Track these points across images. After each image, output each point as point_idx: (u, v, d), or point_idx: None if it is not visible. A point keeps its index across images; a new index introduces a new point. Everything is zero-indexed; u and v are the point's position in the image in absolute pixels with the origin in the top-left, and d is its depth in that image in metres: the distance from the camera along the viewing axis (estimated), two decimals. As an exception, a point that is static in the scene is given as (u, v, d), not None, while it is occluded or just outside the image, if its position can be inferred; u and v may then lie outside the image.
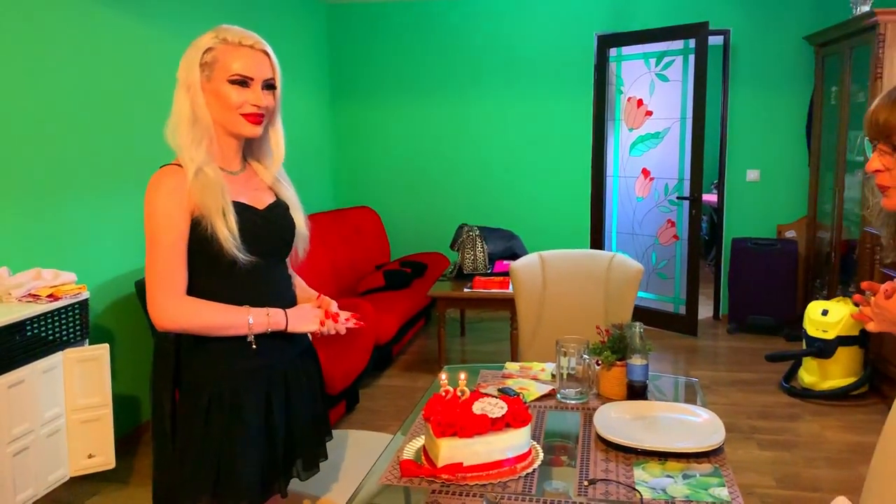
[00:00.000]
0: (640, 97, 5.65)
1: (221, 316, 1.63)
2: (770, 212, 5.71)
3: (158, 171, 1.64)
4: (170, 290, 1.59)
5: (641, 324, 2.10)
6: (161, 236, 1.58)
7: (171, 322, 1.60)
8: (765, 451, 3.54)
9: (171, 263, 1.59)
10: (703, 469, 1.67)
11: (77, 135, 3.37)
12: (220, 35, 1.65)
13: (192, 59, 1.65)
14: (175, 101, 1.67)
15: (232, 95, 1.64)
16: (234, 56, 1.64)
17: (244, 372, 1.69)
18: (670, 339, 5.40)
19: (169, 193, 1.59)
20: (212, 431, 1.65)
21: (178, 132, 1.64)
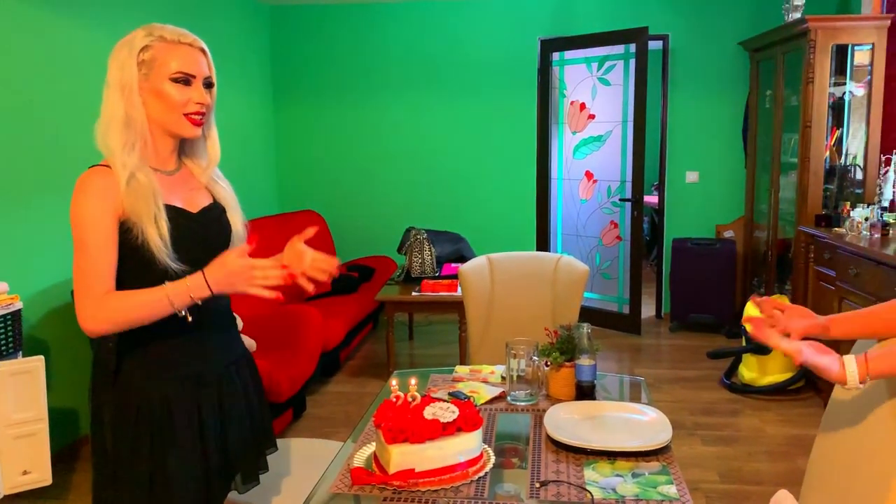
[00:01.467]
0: (583, 101, 5.73)
1: (140, 305, 1.51)
2: (709, 212, 5.86)
3: (86, 171, 1.56)
4: (92, 295, 1.51)
5: (589, 324, 2.12)
6: (88, 238, 1.51)
7: (94, 323, 1.51)
8: (708, 447, 3.62)
9: (97, 266, 1.51)
10: (651, 467, 1.70)
11: (12, 141, 3.24)
12: (155, 32, 1.59)
13: (125, 57, 1.57)
14: (105, 102, 1.59)
15: (174, 94, 1.58)
16: (174, 54, 1.58)
17: (172, 381, 1.62)
18: (615, 339, 5.48)
19: (97, 195, 1.52)
20: (141, 445, 1.59)
21: (109, 134, 1.56)
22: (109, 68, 1.59)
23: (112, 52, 1.60)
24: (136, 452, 1.59)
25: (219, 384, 1.70)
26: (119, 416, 1.61)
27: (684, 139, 5.83)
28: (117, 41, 1.60)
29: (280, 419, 3.75)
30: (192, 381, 1.65)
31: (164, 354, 1.62)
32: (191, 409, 1.64)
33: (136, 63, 1.57)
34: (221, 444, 1.70)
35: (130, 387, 1.61)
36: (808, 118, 4.35)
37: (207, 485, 1.68)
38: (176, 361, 1.63)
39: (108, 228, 1.52)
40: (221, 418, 1.70)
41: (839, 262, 3.85)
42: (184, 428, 1.62)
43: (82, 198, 1.52)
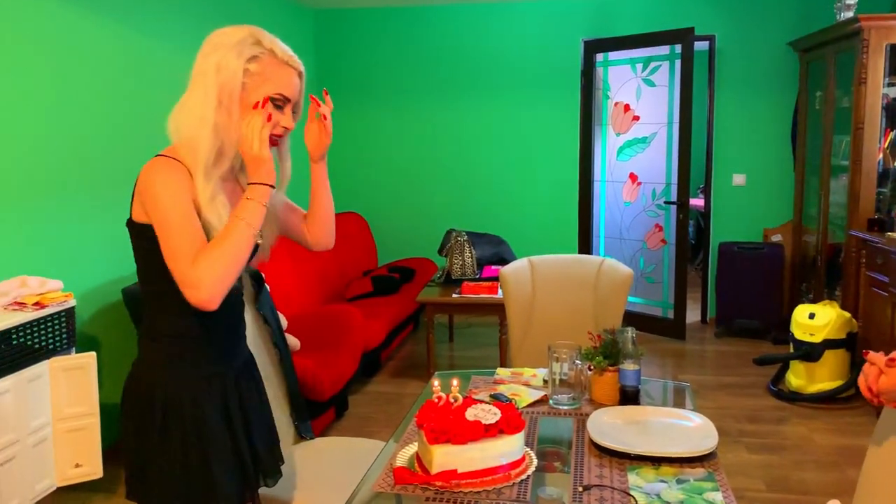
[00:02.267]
0: (627, 102, 5.67)
1: (231, 245, 1.46)
2: (756, 216, 5.75)
3: (156, 160, 1.49)
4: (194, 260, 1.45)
5: (633, 329, 2.10)
6: (176, 215, 1.44)
7: (207, 295, 1.43)
8: (753, 455, 3.55)
9: (195, 237, 1.46)
10: (696, 474, 1.67)
11: (62, 141, 3.34)
12: (265, 44, 1.52)
13: (232, 60, 1.49)
14: (194, 97, 1.50)
15: (270, 115, 1.53)
16: (279, 73, 1.53)
17: (199, 381, 1.61)
18: (658, 344, 5.41)
19: (176, 179, 1.46)
20: (171, 445, 1.57)
21: (197, 137, 1.48)
22: (205, 59, 1.51)
23: (210, 43, 1.53)
24: (168, 457, 1.57)
25: (237, 382, 1.69)
26: (143, 418, 1.59)
27: (731, 141, 5.73)
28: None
29: (322, 418, 3.79)
30: (217, 378, 1.64)
31: (185, 354, 1.60)
32: (220, 408, 1.63)
33: (242, 71, 1.50)
34: (248, 440, 1.70)
35: (154, 388, 1.58)
36: (861, 119, 4.24)
37: (244, 481, 1.69)
38: (198, 360, 1.61)
39: (191, 206, 1.47)
40: (244, 415, 1.69)
41: (893, 267, 3.74)
42: (218, 426, 1.62)
43: (161, 179, 1.45)
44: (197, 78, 1.52)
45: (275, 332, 2.55)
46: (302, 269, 4.86)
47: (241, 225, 1.48)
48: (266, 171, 1.52)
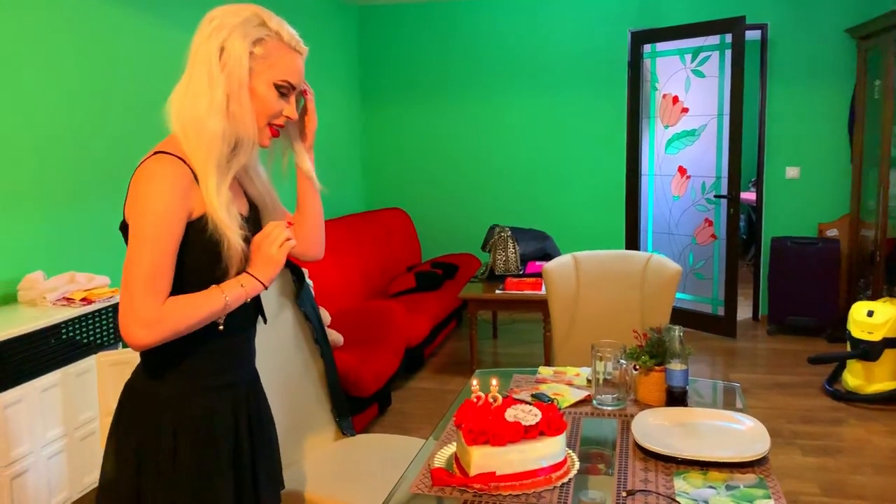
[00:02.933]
0: (676, 94, 5.54)
1: (199, 306, 1.37)
2: (811, 210, 5.56)
3: (155, 159, 1.37)
4: (157, 297, 1.33)
5: (681, 327, 2.03)
6: (161, 233, 1.33)
7: (152, 330, 1.32)
8: (808, 458, 3.42)
9: (167, 264, 1.34)
10: (746, 480, 1.60)
11: (111, 138, 3.39)
12: (271, 26, 1.41)
13: (238, 47, 1.38)
14: (197, 81, 1.38)
15: (272, 102, 1.43)
16: (286, 59, 1.43)
17: (211, 391, 1.49)
18: (708, 341, 5.28)
19: (173, 189, 1.34)
20: (182, 457, 1.45)
21: (215, 140, 1.38)
22: (206, 40, 1.39)
23: (211, 22, 1.40)
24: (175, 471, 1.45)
25: (247, 395, 1.58)
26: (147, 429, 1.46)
27: (784, 133, 5.55)
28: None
29: (365, 414, 3.79)
30: (228, 390, 1.53)
31: (198, 364, 1.48)
32: (229, 423, 1.52)
33: (248, 55, 1.39)
34: (251, 454, 1.58)
35: (164, 408, 1.46)
36: (923, 109, 4.05)
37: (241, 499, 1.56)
38: (210, 370, 1.49)
39: (180, 227, 1.36)
40: (251, 434, 1.58)
41: (958, 263, 3.57)
42: (226, 453, 1.50)
43: (160, 187, 1.33)
44: (198, 61, 1.39)
45: (316, 328, 2.54)
46: (345, 265, 4.86)
47: (221, 303, 1.39)
48: (272, 274, 1.45)
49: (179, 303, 1.37)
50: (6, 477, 2.42)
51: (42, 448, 2.55)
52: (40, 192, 3.01)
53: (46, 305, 2.76)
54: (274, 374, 2.34)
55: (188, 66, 1.41)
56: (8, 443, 2.42)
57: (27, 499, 2.50)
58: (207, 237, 1.39)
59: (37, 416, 2.52)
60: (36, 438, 2.53)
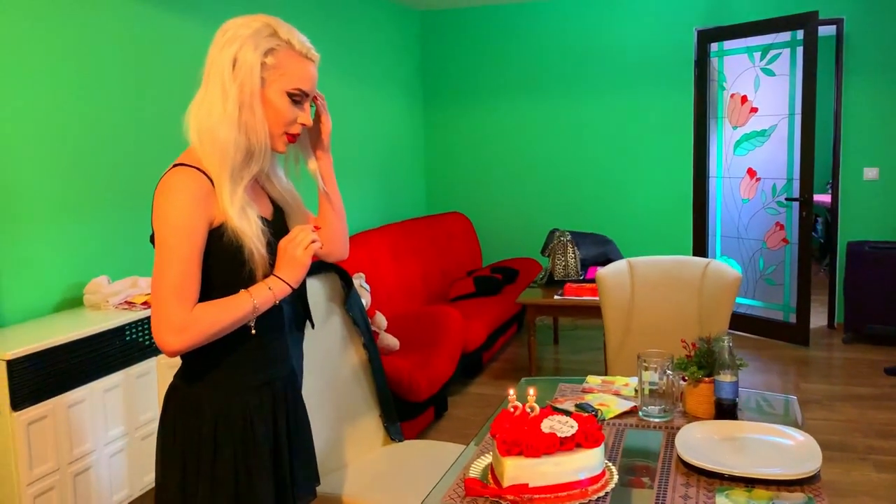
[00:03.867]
0: (745, 93, 5.36)
1: (227, 311, 1.42)
2: (891, 212, 5.28)
3: (175, 171, 1.42)
4: (185, 304, 1.38)
5: (730, 337, 1.95)
6: (184, 244, 1.38)
7: (183, 336, 1.37)
8: (883, 474, 3.25)
9: (194, 273, 1.40)
10: (794, 499, 1.52)
11: (169, 143, 3.50)
12: (282, 35, 1.44)
13: (248, 53, 1.41)
14: (212, 94, 1.43)
15: (286, 111, 1.46)
16: (298, 67, 1.46)
17: (249, 390, 1.54)
18: (779, 350, 5.08)
19: (194, 200, 1.39)
20: (223, 456, 1.49)
21: (228, 148, 1.42)
22: (219, 52, 1.43)
23: (224, 35, 1.44)
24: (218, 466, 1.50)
25: (285, 392, 1.62)
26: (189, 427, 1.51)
27: (861, 132, 5.29)
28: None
29: (420, 419, 3.79)
30: (267, 388, 1.57)
31: (235, 364, 1.52)
32: (269, 421, 1.56)
33: (259, 65, 1.43)
34: (289, 456, 1.61)
35: (203, 403, 1.50)
36: None
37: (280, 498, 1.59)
38: (248, 368, 1.53)
39: (202, 235, 1.41)
40: (288, 430, 1.61)
41: None
42: (265, 445, 1.54)
43: (179, 199, 1.38)
44: (213, 73, 1.44)
45: (364, 332, 2.56)
46: (405, 269, 4.89)
47: (249, 307, 1.43)
48: (298, 276, 1.48)
49: (208, 308, 1.42)
50: (70, 473, 2.52)
51: (105, 446, 2.65)
52: (105, 199, 3.14)
53: (110, 309, 2.86)
54: (323, 379, 2.37)
55: (204, 78, 1.46)
56: (72, 440, 2.53)
57: (90, 495, 2.60)
58: (228, 243, 1.44)
59: (100, 415, 2.62)
60: (98, 437, 2.63)
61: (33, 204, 2.81)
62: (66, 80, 2.94)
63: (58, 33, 2.90)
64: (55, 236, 2.90)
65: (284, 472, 1.59)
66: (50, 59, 2.87)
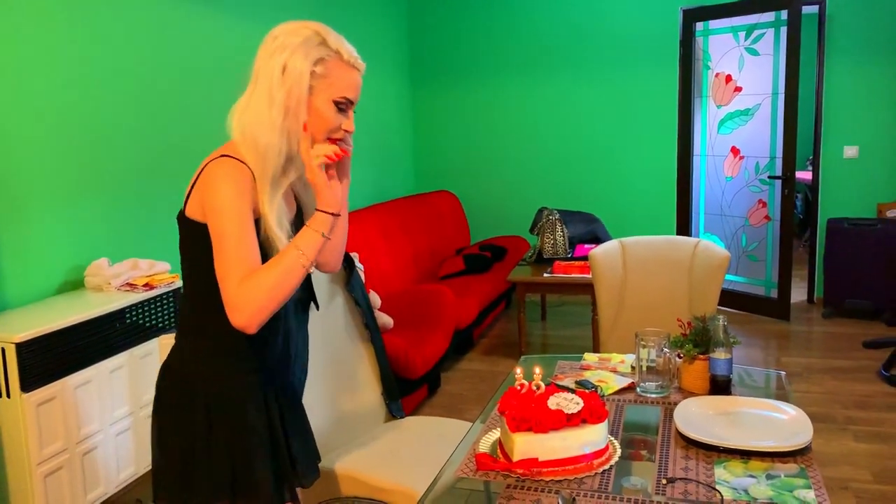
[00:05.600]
0: (729, 72, 5.43)
1: (274, 272, 1.43)
2: (869, 190, 5.41)
3: (221, 161, 1.46)
4: (241, 282, 1.42)
5: (725, 317, 2.04)
6: (240, 227, 1.42)
7: (244, 319, 1.41)
8: (861, 444, 3.38)
9: (252, 254, 1.44)
10: (788, 469, 1.62)
11: (168, 126, 3.51)
12: (331, 44, 1.48)
13: (298, 62, 1.45)
14: (259, 96, 1.47)
15: (332, 118, 1.49)
16: (346, 76, 1.49)
17: (243, 372, 1.58)
18: (761, 324, 5.21)
19: (241, 188, 1.44)
20: (217, 443, 1.54)
21: (269, 153, 1.46)
22: (269, 58, 1.47)
23: (274, 41, 1.48)
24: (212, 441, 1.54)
25: (278, 371, 1.64)
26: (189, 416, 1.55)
27: (842, 111, 5.40)
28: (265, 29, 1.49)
29: (415, 395, 3.87)
30: (260, 373, 1.59)
31: (231, 349, 1.55)
32: (260, 403, 1.59)
33: (309, 74, 1.46)
34: (285, 437, 1.65)
35: (196, 384, 1.55)
36: None
37: (282, 481, 1.64)
38: (241, 351, 1.56)
39: (250, 218, 1.45)
40: (281, 411, 1.64)
41: None
42: (259, 423, 1.58)
43: (228, 187, 1.43)
44: (261, 77, 1.48)
45: (365, 312, 2.62)
46: (395, 248, 4.94)
47: (294, 254, 1.45)
48: (327, 198, 1.49)
49: (262, 277, 1.42)
50: (78, 453, 2.57)
51: (110, 426, 2.70)
52: (105, 182, 3.15)
53: (111, 291, 2.90)
54: (326, 359, 2.43)
55: (251, 80, 1.50)
56: (79, 421, 2.57)
57: (97, 473, 2.65)
58: (261, 239, 1.49)
59: (106, 395, 2.67)
60: (105, 417, 2.67)
61: (34, 186, 2.83)
62: (67, 64, 2.94)
63: (57, 19, 2.89)
64: (56, 219, 2.92)
65: (283, 455, 1.62)
66: (51, 42, 2.87)
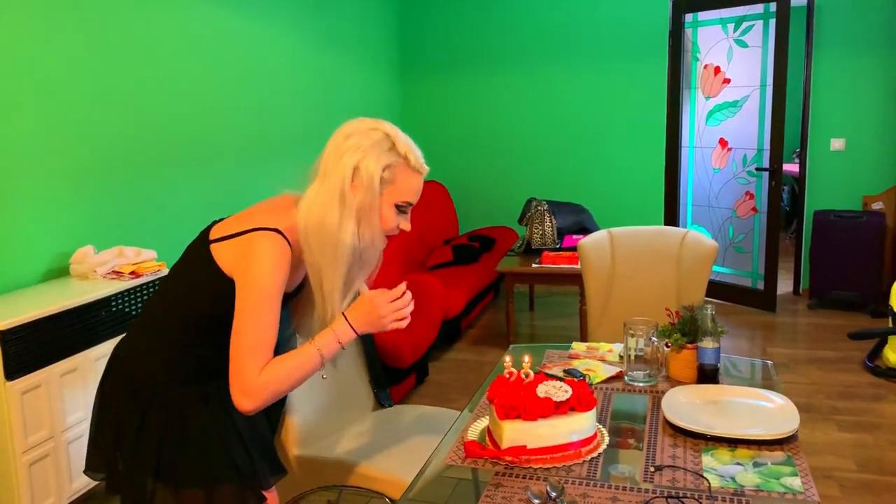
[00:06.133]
0: (718, 64, 5.44)
1: (296, 368, 1.48)
2: (856, 182, 5.45)
3: (274, 239, 1.47)
4: (259, 367, 1.45)
5: (713, 306, 2.04)
6: (270, 310, 1.45)
7: (256, 398, 1.45)
8: (845, 433, 3.41)
9: (271, 339, 1.46)
10: (774, 457, 1.63)
11: (154, 118, 3.48)
12: (400, 149, 1.52)
13: (371, 169, 1.48)
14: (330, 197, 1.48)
15: (391, 220, 1.54)
16: (410, 182, 1.53)
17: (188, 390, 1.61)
18: (747, 316, 5.25)
19: (283, 270, 1.47)
20: (216, 420, 1.60)
21: (341, 260, 1.50)
22: (340, 157, 1.49)
23: (346, 140, 1.50)
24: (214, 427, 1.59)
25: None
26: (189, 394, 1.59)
27: (830, 103, 5.42)
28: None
29: (403, 384, 3.87)
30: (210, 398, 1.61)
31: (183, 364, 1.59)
32: (204, 420, 1.60)
33: (379, 179, 1.49)
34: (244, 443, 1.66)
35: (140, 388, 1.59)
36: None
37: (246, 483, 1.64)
38: (193, 373, 1.60)
39: (280, 300, 1.48)
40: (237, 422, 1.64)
41: None
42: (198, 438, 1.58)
43: (269, 266, 1.45)
44: (332, 171, 1.50)
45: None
46: (383, 238, 4.92)
47: (315, 356, 1.50)
48: (368, 330, 1.56)
49: (276, 369, 1.46)
50: (63, 441, 2.55)
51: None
52: (91, 170, 3.12)
53: (97, 279, 2.87)
54: (314, 347, 2.41)
55: (321, 171, 1.52)
56: (64, 409, 2.55)
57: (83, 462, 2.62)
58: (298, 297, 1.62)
59: (91, 384, 2.64)
60: (90, 405, 2.64)
61: (18, 173, 2.79)
62: (51, 54, 2.90)
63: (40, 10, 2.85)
64: (41, 206, 2.89)
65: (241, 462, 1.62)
66: (34, 32, 2.83)
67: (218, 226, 1.59)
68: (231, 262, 1.50)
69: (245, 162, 4.16)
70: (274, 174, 4.44)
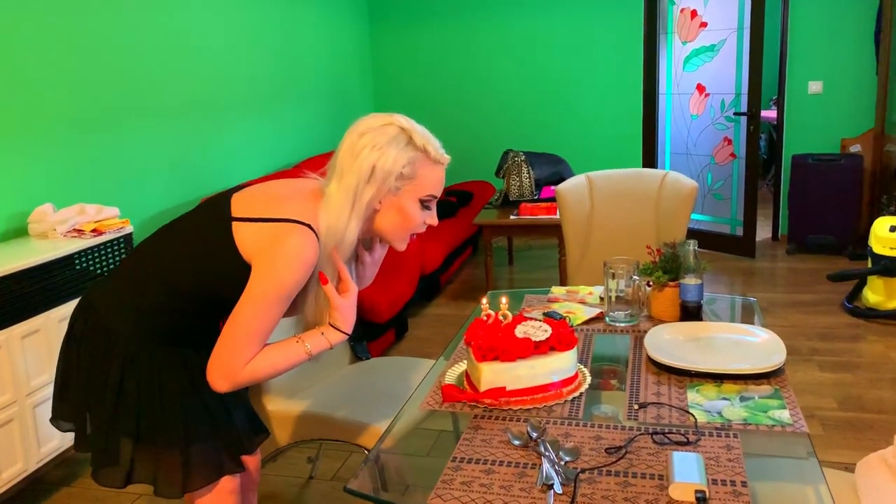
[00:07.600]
0: (694, 7, 5.34)
1: (282, 360, 1.45)
2: (834, 125, 5.40)
3: (307, 237, 1.40)
4: (249, 356, 1.41)
5: (695, 241, 1.98)
6: (278, 306, 1.40)
7: (233, 380, 1.42)
8: (825, 373, 3.41)
9: (269, 331, 1.42)
10: (761, 391, 1.58)
11: (117, 72, 3.33)
12: (418, 143, 1.44)
13: (388, 166, 1.42)
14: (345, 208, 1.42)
15: (416, 216, 1.48)
16: (432, 175, 1.47)
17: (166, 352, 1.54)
18: (727, 262, 5.23)
19: (306, 270, 1.40)
20: (126, 393, 1.51)
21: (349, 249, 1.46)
22: (356, 157, 1.42)
23: (361, 139, 1.43)
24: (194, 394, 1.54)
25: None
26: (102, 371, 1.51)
27: (807, 46, 5.34)
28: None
29: (382, 340, 3.81)
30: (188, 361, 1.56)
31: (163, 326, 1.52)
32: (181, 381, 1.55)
33: (396, 175, 1.43)
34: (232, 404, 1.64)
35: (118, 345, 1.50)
36: (955, 13, 3.87)
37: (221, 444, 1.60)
38: (172, 336, 1.54)
39: (291, 298, 1.43)
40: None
41: None
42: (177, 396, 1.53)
43: (300, 267, 1.38)
44: (347, 175, 1.43)
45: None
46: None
47: (301, 352, 1.46)
48: (346, 318, 1.48)
49: (263, 360, 1.43)
50: (29, 405, 2.47)
51: (62, 377, 2.59)
52: (45, 125, 2.98)
53: (57, 238, 2.76)
54: (285, 300, 2.33)
55: (336, 174, 1.45)
56: (28, 372, 2.46)
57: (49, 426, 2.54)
58: None
59: (55, 345, 2.55)
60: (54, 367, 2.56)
61: (-34, 129, 2.66)
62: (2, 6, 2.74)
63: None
64: (-8, 163, 2.76)
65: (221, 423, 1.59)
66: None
67: (240, 198, 1.48)
68: (254, 248, 1.41)
69: (209, 115, 4.02)
70: (240, 128, 4.30)
